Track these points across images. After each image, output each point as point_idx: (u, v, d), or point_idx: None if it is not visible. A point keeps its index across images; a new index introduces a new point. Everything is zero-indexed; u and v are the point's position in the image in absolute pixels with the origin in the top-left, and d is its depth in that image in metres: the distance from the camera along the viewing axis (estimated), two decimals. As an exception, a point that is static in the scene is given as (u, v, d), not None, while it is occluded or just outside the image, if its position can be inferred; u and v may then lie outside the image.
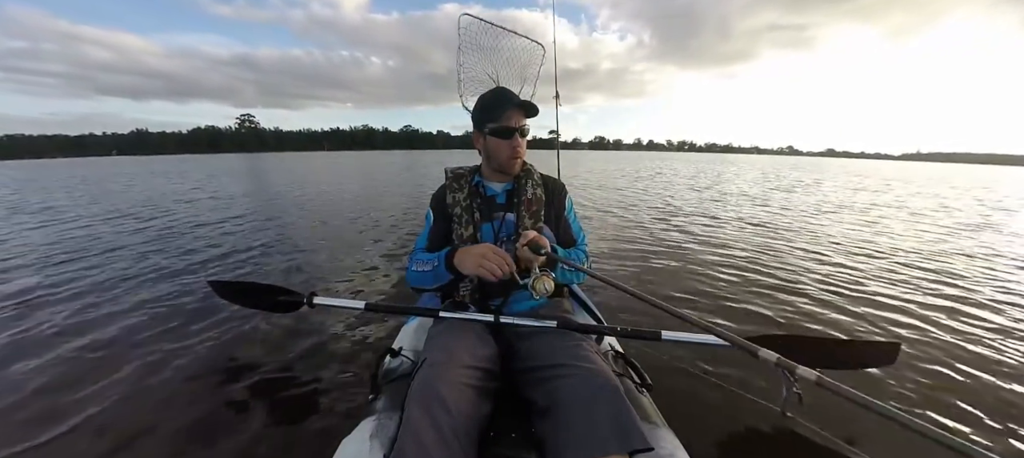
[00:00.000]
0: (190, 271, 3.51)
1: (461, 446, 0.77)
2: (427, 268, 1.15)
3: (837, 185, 13.60)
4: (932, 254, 4.25)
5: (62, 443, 1.46)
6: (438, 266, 1.12)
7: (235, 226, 5.58)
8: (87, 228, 5.48)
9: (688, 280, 3.29)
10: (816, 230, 5.47)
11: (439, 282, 1.16)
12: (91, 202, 8.30)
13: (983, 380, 1.86)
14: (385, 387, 1.07)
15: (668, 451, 0.87)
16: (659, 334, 1.19)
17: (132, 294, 2.94)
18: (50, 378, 1.85)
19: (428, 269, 1.15)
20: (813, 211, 7.27)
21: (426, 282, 1.18)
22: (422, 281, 1.19)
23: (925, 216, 7.08)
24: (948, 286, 3.20)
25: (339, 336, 2.21)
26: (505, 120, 1.17)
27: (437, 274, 1.13)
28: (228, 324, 2.35)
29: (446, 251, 1.13)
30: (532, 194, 1.25)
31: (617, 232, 5.25)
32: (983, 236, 5.34)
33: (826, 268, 3.64)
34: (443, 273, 1.12)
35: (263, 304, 1.77)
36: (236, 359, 2.02)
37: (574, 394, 0.84)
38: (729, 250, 4.27)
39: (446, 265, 1.11)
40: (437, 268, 1.13)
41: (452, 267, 1.10)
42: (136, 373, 1.91)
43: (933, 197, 10.69)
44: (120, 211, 6.98)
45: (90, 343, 2.20)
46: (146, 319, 2.50)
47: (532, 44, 1.62)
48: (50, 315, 2.54)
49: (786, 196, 9.72)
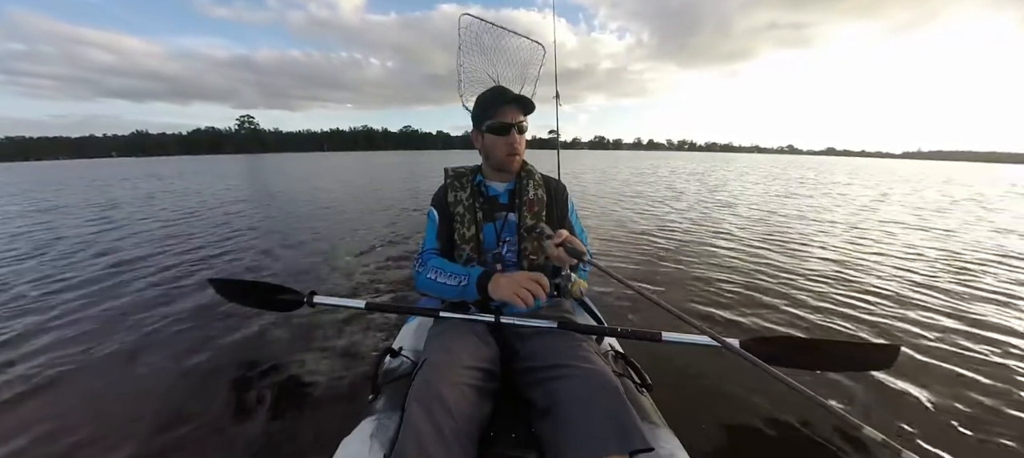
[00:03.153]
0: (190, 269, 3.52)
1: (461, 446, 0.77)
2: (452, 282, 1.11)
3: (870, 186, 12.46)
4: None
5: (61, 442, 1.46)
6: (467, 286, 1.09)
7: (235, 226, 5.59)
8: (86, 228, 5.50)
9: (699, 281, 3.28)
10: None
11: (463, 298, 1.13)
12: (92, 202, 8.33)
13: (983, 381, 1.85)
14: (385, 387, 1.07)
15: (668, 451, 0.86)
16: (659, 335, 1.19)
17: (132, 292, 2.95)
18: (48, 378, 1.85)
19: (453, 284, 1.11)
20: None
21: (446, 294, 1.15)
22: (441, 292, 1.15)
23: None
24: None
25: (339, 335, 2.22)
26: (501, 116, 1.16)
27: (463, 291, 1.10)
28: (228, 323, 2.36)
29: (479, 273, 1.09)
30: (534, 194, 1.25)
31: (617, 233, 5.25)
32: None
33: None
34: (472, 293, 1.09)
35: (263, 303, 1.77)
36: (236, 358, 2.02)
37: (574, 394, 0.84)
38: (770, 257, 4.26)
39: (478, 288, 1.08)
40: (466, 287, 1.09)
41: (484, 290, 1.06)
42: (135, 371, 1.92)
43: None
44: (120, 211, 7.00)
45: (89, 341, 2.20)
46: (145, 316, 2.51)
47: (532, 44, 1.62)
48: (47, 315, 2.55)
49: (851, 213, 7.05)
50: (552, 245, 1.05)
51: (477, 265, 1.20)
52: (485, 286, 1.06)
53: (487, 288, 1.06)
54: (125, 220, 6.18)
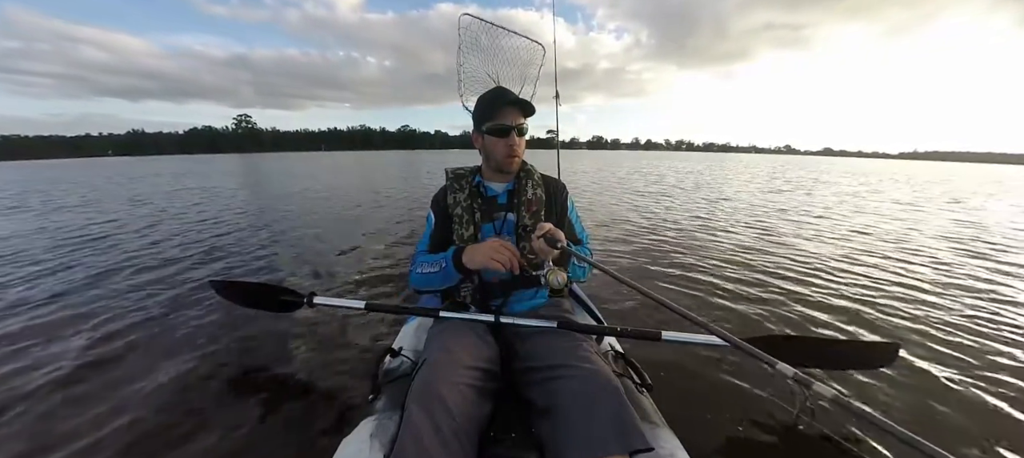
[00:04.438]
0: (191, 270, 3.51)
1: (461, 446, 0.77)
2: (434, 269, 1.14)
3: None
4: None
5: (59, 441, 1.45)
6: (446, 266, 1.11)
7: (235, 226, 5.57)
8: (84, 226, 5.47)
9: (699, 281, 3.29)
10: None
11: (448, 282, 1.15)
12: (95, 202, 8.29)
13: (985, 383, 1.86)
14: (385, 387, 1.07)
15: (668, 451, 0.87)
16: (659, 334, 1.19)
17: (132, 292, 2.94)
18: (47, 379, 1.84)
19: (435, 271, 1.14)
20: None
21: (433, 284, 1.18)
22: (429, 283, 1.18)
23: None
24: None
25: (339, 336, 2.21)
26: (501, 118, 1.17)
27: (446, 274, 1.12)
28: (229, 324, 2.35)
29: (453, 250, 1.12)
30: (533, 194, 1.25)
31: (616, 232, 5.26)
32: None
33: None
34: (452, 272, 1.11)
35: (264, 304, 1.77)
36: (236, 359, 2.02)
37: (574, 394, 0.84)
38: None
39: (454, 264, 1.10)
40: (445, 269, 1.12)
41: (460, 265, 1.09)
42: (134, 371, 1.91)
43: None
44: (119, 210, 6.97)
45: (88, 340, 2.19)
46: (145, 317, 2.50)
47: (532, 44, 1.62)
48: (46, 315, 2.54)
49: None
50: (536, 237, 1.06)
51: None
52: (461, 261, 1.08)
53: (463, 262, 1.08)
54: (125, 219, 6.15)
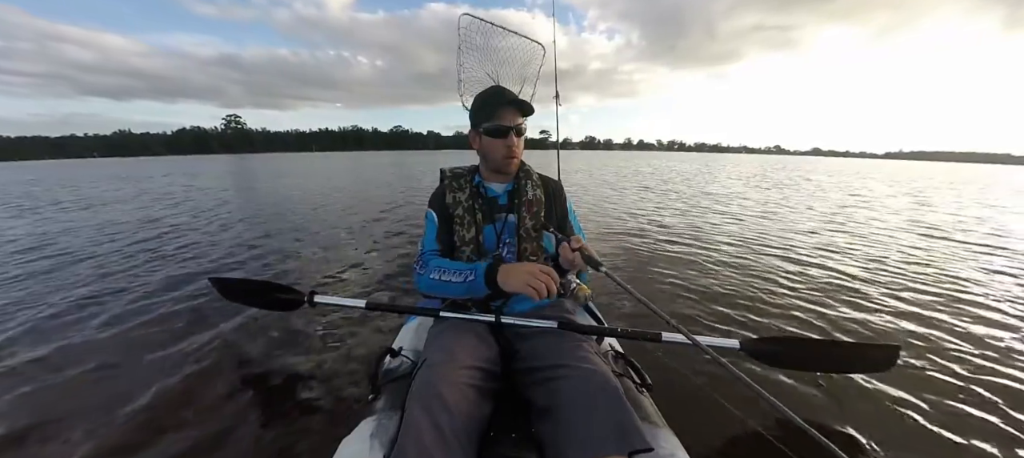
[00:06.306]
0: (190, 268, 3.48)
1: (461, 446, 0.77)
2: (457, 279, 1.08)
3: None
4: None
5: (58, 441, 1.43)
6: (474, 280, 1.06)
7: (234, 226, 5.52)
8: (84, 227, 5.37)
9: (698, 279, 3.31)
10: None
11: (472, 295, 1.09)
12: (96, 202, 8.14)
13: (985, 382, 1.85)
14: (385, 387, 1.07)
15: (668, 451, 0.87)
16: (659, 335, 1.20)
17: (132, 290, 2.91)
18: (45, 379, 1.81)
19: (458, 281, 1.08)
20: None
21: (451, 292, 1.11)
22: (445, 290, 1.12)
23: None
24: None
25: (339, 335, 2.20)
26: (499, 118, 1.15)
27: (472, 287, 1.06)
28: (228, 322, 2.33)
29: (484, 266, 1.06)
30: (532, 195, 1.24)
31: (614, 231, 5.28)
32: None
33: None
34: (481, 288, 1.05)
35: (264, 302, 1.75)
36: (236, 357, 2.01)
37: (574, 394, 0.84)
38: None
39: (486, 281, 1.04)
40: (473, 282, 1.06)
41: (493, 284, 1.03)
42: (134, 370, 1.89)
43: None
44: (119, 210, 6.85)
45: (87, 339, 2.17)
46: (145, 315, 2.48)
47: (532, 44, 1.61)
48: (46, 314, 2.50)
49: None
50: (568, 248, 1.05)
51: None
52: (494, 279, 1.03)
53: (496, 281, 1.03)
54: (126, 219, 6.06)
